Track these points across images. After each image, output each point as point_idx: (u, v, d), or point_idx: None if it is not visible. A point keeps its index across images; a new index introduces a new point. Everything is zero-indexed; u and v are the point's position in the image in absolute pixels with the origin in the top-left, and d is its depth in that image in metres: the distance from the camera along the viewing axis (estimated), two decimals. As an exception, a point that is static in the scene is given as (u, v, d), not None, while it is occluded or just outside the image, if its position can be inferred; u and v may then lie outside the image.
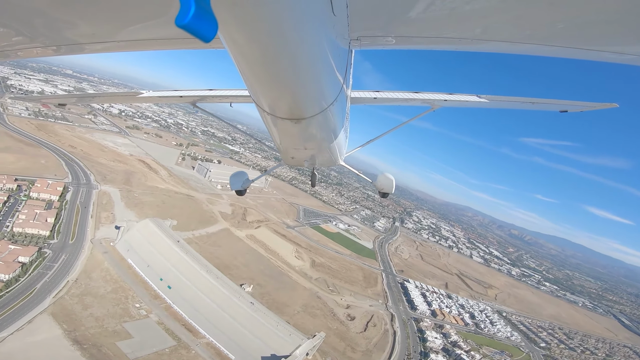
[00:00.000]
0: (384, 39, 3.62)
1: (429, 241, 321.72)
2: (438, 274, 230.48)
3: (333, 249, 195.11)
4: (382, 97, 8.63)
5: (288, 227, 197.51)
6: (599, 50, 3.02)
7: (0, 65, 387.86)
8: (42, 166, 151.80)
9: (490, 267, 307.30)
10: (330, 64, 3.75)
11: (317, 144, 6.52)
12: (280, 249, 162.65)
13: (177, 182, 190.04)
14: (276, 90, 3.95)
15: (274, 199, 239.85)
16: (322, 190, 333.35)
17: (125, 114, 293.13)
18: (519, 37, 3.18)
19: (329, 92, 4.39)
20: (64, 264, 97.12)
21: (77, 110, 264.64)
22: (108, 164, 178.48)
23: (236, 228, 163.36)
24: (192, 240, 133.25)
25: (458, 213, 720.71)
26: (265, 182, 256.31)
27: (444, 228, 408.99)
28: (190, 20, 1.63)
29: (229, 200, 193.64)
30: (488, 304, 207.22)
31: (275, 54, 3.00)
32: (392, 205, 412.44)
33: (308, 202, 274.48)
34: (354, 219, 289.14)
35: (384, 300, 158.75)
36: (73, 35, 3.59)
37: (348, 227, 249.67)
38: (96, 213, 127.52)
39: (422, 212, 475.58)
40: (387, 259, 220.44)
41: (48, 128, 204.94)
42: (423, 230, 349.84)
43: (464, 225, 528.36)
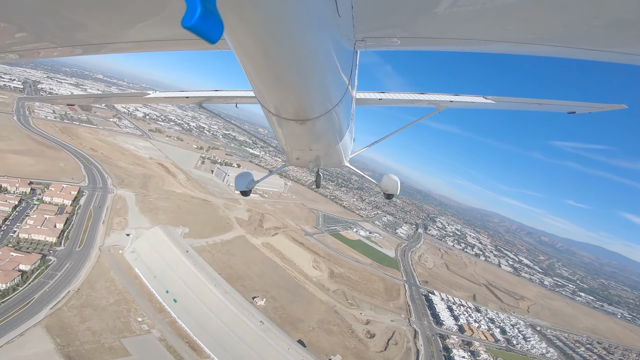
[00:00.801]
0: (389, 39, 3.60)
1: (455, 249, 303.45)
2: (465, 285, 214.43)
3: (353, 258, 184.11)
4: (388, 98, 8.44)
5: (306, 235, 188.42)
6: (606, 51, 3.00)
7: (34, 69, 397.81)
8: (60, 169, 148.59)
9: (521, 277, 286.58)
10: (336, 65, 3.73)
11: (322, 145, 6.47)
12: (297, 258, 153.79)
13: (195, 186, 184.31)
14: (281, 91, 3.92)
15: (293, 204, 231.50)
16: (343, 195, 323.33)
17: (149, 117, 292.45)
18: (525, 38, 3.17)
19: (334, 93, 4.34)
20: (67, 273, 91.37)
21: (103, 114, 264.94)
22: (127, 167, 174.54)
23: (252, 235, 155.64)
24: (204, 249, 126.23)
25: (484, 219, 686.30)
26: (285, 186, 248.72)
27: (470, 235, 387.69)
28: (197, 21, 1.63)
29: (246, 206, 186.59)
30: (520, 317, 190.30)
31: (280, 55, 3.02)
32: (414, 210, 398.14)
33: (328, 207, 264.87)
34: (375, 225, 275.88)
35: (407, 314, 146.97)
36: (81, 37, 3.58)
37: (369, 234, 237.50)
38: (108, 218, 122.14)
39: (446, 217, 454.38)
40: (410, 269, 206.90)
41: (71, 131, 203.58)
42: (448, 237, 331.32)
43: (491, 231, 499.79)
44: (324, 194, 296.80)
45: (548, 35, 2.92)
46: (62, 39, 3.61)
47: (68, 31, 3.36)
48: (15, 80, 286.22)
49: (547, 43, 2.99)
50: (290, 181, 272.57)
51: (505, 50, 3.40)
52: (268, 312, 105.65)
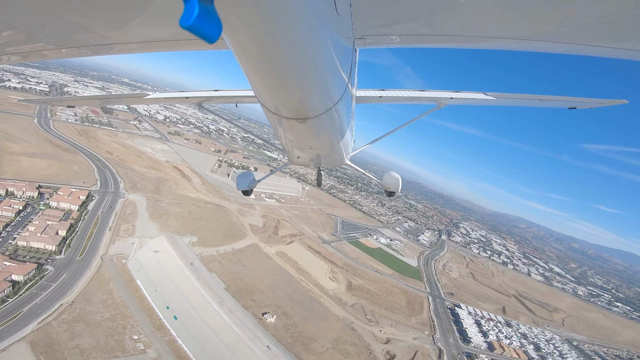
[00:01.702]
0: (388, 37, 3.58)
1: (480, 256, 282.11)
2: (493, 296, 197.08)
3: (373, 268, 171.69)
4: (388, 96, 8.45)
5: (323, 243, 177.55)
6: (609, 47, 2.98)
7: (62, 72, 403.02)
8: (72, 173, 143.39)
9: (553, 286, 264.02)
10: (335, 63, 3.70)
11: (323, 143, 6.41)
12: (313, 268, 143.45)
13: (209, 190, 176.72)
14: (281, 90, 3.89)
15: (310, 210, 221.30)
16: (362, 200, 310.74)
17: (169, 120, 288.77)
18: (525, 35, 3.14)
19: (334, 92, 4.30)
20: (63, 284, 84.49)
21: (124, 116, 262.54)
22: (141, 170, 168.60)
23: (266, 244, 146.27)
24: (214, 258, 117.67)
25: (509, 224, 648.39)
26: (302, 191, 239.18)
27: (496, 241, 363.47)
28: (195, 21, 1.62)
29: (261, 212, 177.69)
30: (555, 331, 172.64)
31: (279, 54, 3.01)
32: (437, 216, 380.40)
33: (347, 213, 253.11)
34: (396, 231, 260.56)
35: (431, 331, 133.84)
36: (78, 38, 3.57)
37: (390, 242, 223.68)
38: (115, 225, 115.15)
39: (470, 223, 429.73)
40: (434, 279, 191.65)
41: (90, 133, 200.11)
42: (473, 244, 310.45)
43: (517, 237, 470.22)
44: (342, 198, 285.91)
45: (549, 31, 2.89)
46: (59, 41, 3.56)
47: (65, 33, 3.31)
48: (42, 83, 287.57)
49: (547, 39, 2.99)
50: (308, 185, 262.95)
51: (504, 47, 3.37)
52: (278, 330, 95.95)
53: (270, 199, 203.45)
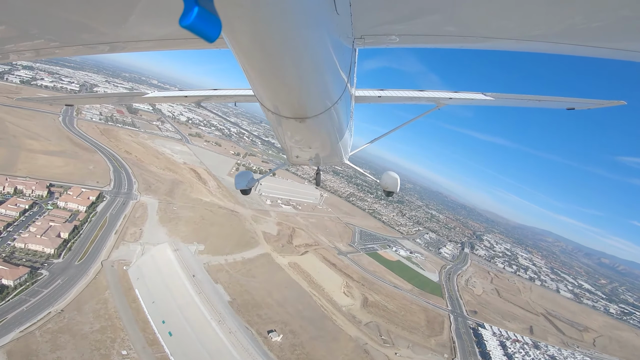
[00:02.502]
0: (387, 37, 3.52)
1: (506, 271, 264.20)
2: (520, 315, 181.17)
3: (391, 283, 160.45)
4: (387, 96, 8.43)
5: (340, 254, 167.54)
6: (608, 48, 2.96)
7: (95, 73, 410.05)
8: (87, 172, 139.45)
9: (583, 304, 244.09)
10: (334, 63, 3.71)
11: (322, 143, 6.35)
12: (327, 282, 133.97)
13: (224, 194, 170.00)
14: (280, 90, 3.88)
15: (327, 218, 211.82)
16: (382, 209, 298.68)
17: (191, 122, 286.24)
18: (524, 35, 3.11)
19: (333, 91, 4.29)
20: (55, 290, 78.42)
21: (147, 117, 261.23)
22: (157, 172, 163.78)
23: (278, 253, 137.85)
24: (222, 268, 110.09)
25: (536, 238, 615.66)
26: (320, 198, 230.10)
27: (521, 255, 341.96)
28: (194, 20, 1.61)
29: (276, 219, 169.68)
30: (586, 352, 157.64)
31: (278, 53, 3.00)
32: (459, 227, 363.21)
33: (366, 222, 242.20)
34: (416, 243, 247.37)
35: (451, 354, 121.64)
36: (76, 36, 3.56)
37: (410, 254, 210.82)
38: (122, 228, 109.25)
39: (494, 235, 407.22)
40: (456, 296, 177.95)
41: (112, 133, 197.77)
42: (497, 258, 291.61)
43: (544, 252, 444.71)
44: (361, 207, 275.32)
45: (548, 31, 2.86)
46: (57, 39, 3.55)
47: (63, 31, 3.30)
48: (74, 83, 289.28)
49: (546, 40, 2.96)
50: (327, 192, 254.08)
51: (503, 48, 3.34)
52: (284, 350, 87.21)
53: (286, 206, 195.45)
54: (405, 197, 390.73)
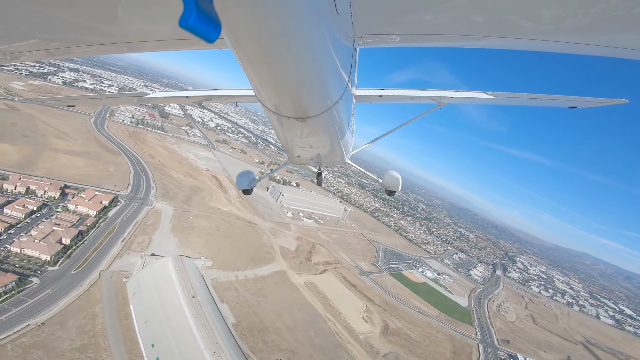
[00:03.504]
0: (388, 36, 3.47)
1: (541, 296, 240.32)
2: (557, 344, 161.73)
3: (415, 308, 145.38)
4: (388, 95, 8.31)
5: (361, 274, 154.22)
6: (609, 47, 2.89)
7: (136, 77, 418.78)
8: (107, 174, 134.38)
9: (625, 331, 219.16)
10: (335, 62, 3.65)
11: (323, 142, 6.30)
12: (345, 305, 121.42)
13: (244, 204, 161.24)
14: (281, 90, 3.83)
15: (351, 234, 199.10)
16: (408, 225, 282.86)
17: (220, 128, 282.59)
18: (526, 33, 3.01)
19: (334, 91, 4.22)
20: (42, 301, 71.02)
21: (177, 121, 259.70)
22: (178, 177, 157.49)
23: (295, 271, 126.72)
24: (231, 285, 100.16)
25: (572, 260, 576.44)
26: (344, 212, 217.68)
27: (558, 278, 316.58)
28: (194, 20, 1.59)
29: (296, 233, 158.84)
30: None
31: (279, 53, 2.98)
32: (490, 247, 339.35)
33: (391, 240, 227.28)
34: (444, 264, 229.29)
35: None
36: (79, 37, 3.50)
37: (437, 276, 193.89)
38: (131, 236, 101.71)
39: (528, 257, 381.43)
40: (487, 323, 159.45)
41: (139, 136, 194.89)
42: (532, 281, 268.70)
43: (582, 275, 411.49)
44: (387, 223, 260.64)
45: (550, 30, 2.77)
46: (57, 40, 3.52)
47: (62, 32, 3.25)
48: (114, 85, 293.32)
49: (549, 38, 2.88)
50: (352, 206, 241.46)
51: (506, 46, 3.27)
52: (289, 388, 75.77)
53: (308, 219, 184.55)
54: (433, 214, 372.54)
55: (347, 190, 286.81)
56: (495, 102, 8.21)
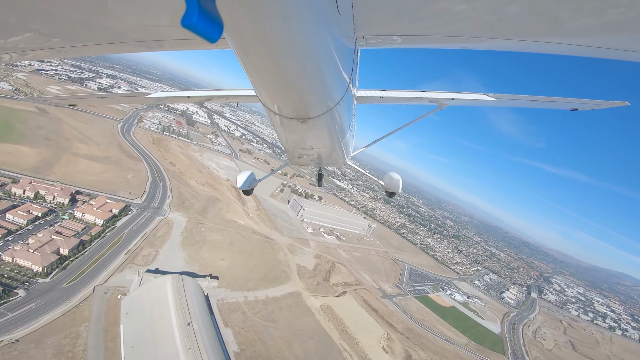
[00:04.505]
0: (389, 38, 3.45)
1: (581, 320, 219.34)
2: None
3: (442, 335, 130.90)
4: (389, 96, 8.25)
5: (384, 297, 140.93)
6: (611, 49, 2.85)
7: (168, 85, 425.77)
8: (123, 181, 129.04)
9: None
10: (336, 63, 3.65)
11: (324, 143, 6.30)
12: (364, 333, 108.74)
13: (262, 218, 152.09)
14: (282, 90, 3.83)
15: (374, 252, 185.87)
16: (435, 243, 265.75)
17: (244, 137, 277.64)
18: (527, 35, 3.03)
19: (335, 92, 4.21)
20: (23, 315, 64.10)
21: (203, 129, 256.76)
22: (196, 187, 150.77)
23: (311, 293, 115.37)
24: (239, 307, 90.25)
25: (611, 281, 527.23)
26: (368, 229, 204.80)
27: (597, 300, 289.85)
28: (196, 20, 1.59)
29: (315, 250, 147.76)
30: None
31: (280, 54, 2.97)
32: (523, 267, 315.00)
33: (417, 259, 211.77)
34: (474, 286, 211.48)
35: None
36: (81, 36, 3.49)
37: (467, 300, 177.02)
38: (136, 248, 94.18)
39: (564, 277, 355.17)
40: (522, 352, 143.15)
41: (163, 143, 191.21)
42: (570, 304, 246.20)
43: (622, 296, 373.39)
44: (413, 240, 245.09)
45: (552, 32, 2.75)
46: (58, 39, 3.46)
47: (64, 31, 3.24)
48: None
49: (551, 40, 2.87)
50: (376, 222, 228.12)
51: (509, 48, 3.26)
52: None
53: (329, 235, 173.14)
54: (462, 231, 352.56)
55: (372, 205, 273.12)
56: (496, 104, 8.00)
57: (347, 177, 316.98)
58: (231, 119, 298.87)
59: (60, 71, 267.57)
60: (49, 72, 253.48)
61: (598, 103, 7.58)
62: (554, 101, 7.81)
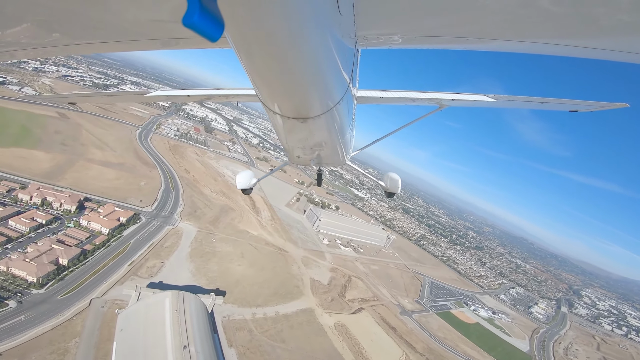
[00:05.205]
0: (390, 38, 3.48)
1: (614, 334, 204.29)
2: None
3: (466, 355, 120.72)
4: (389, 97, 8.23)
5: (403, 313, 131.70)
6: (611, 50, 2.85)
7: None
8: (135, 189, 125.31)
9: None
10: (337, 63, 3.64)
11: (323, 143, 6.26)
12: (381, 354, 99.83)
13: (276, 228, 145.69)
14: (282, 90, 3.84)
15: (393, 265, 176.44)
16: (457, 255, 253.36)
17: (262, 145, 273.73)
18: (528, 36, 3.04)
19: (335, 92, 4.21)
20: (10, 328, 59.71)
21: (221, 136, 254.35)
22: (210, 195, 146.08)
23: (325, 309, 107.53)
24: (245, 325, 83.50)
25: None
26: (387, 240, 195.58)
27: (630, 314, 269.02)
28: (197, 19, 1.59)
29: (331, 263, 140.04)
30: None
31: (280, 54, 2.97)
32: (551, 280, 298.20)
33: (438, 272, 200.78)
34: (500, 300, 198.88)
35: None
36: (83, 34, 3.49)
37: (492, 315, 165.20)
38: (140, 259, 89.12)
39: (594, 290, 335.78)
40: None
41: (179, 149, 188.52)
42: (602, 318, 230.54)
43: None
44: (434, 252, 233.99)
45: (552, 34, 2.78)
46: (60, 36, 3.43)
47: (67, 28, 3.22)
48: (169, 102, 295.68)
49: (551, 42, 2.87)
50: (395, 233, 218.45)
51: (509, 49, 3.26)
52: None
53: (346, 247, 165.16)
54: (484, 242, 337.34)
55: (390, 215, 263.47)
56: (496, 104, 7.99)
57: (365, 185, 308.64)
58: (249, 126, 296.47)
59: (85, 77, 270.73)
60: (74, 77, 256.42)
61: (597, 105, 7.39)
62: (554, 102, 7.67)
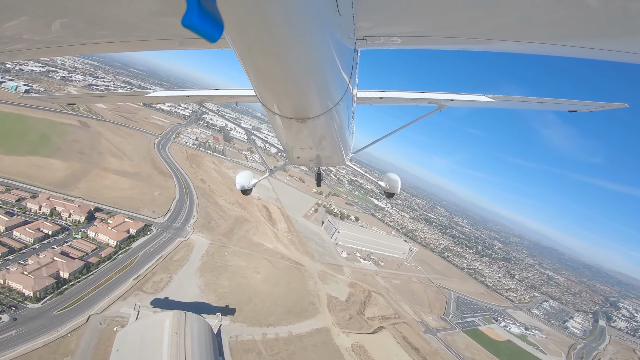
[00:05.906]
0: (389, 38, 3.47)
1: None
2: None
3: None
4: (388, 97, 8.18)
5: (427, 332, 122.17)
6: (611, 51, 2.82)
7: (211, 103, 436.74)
8: (149, 199, 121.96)
9: None
10: (336, 63, 3.60)
11: (323, 143, 6.25)
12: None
13: (292, 241, 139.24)
14: (281, 90, 3.82)
15: (415, 279, 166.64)
16: (484, 267, 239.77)
17: (280, 155, 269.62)
18: (529, 37, 3.02)
19: (334, 92, 4.17)
20: None
21: (239, 145, 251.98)
22: (225, 205, 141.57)
23: (342, 329, 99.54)
24: (254, 347, 76.80)
25: None
26: (409, 252, 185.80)
27: None
28: (196, 20, 1.58)
29: (350, 278, 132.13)
30: None
31: (280, 54, 2.95)
32: (585, 292, 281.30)
33: (464, 286, 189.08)
34: (532, 315, 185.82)
35: None
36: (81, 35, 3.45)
37: (524, 332, 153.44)
38: (147, 273, 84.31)
39: (632, 301, 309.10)
40: None
41: (196, 159, 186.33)
42: None
43: None
44: (459, 265, 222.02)
45: (552, 33, 2.75)
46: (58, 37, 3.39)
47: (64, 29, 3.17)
48: (188, 109, 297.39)
49: (552, 42, 2.84)
50: (417, 245, 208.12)
51: (508, 49, 3.26)
52: None
53: (365, 260, 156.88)
54: (512, 253, 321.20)
55: (412, 226, 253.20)
56: (496, 105, 7.99)
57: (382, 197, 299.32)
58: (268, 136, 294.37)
59: (111, 87, 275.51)
60: (100, 87, 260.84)
61: (596, 105, 7.40)
62: (553, 103, 7.73)
